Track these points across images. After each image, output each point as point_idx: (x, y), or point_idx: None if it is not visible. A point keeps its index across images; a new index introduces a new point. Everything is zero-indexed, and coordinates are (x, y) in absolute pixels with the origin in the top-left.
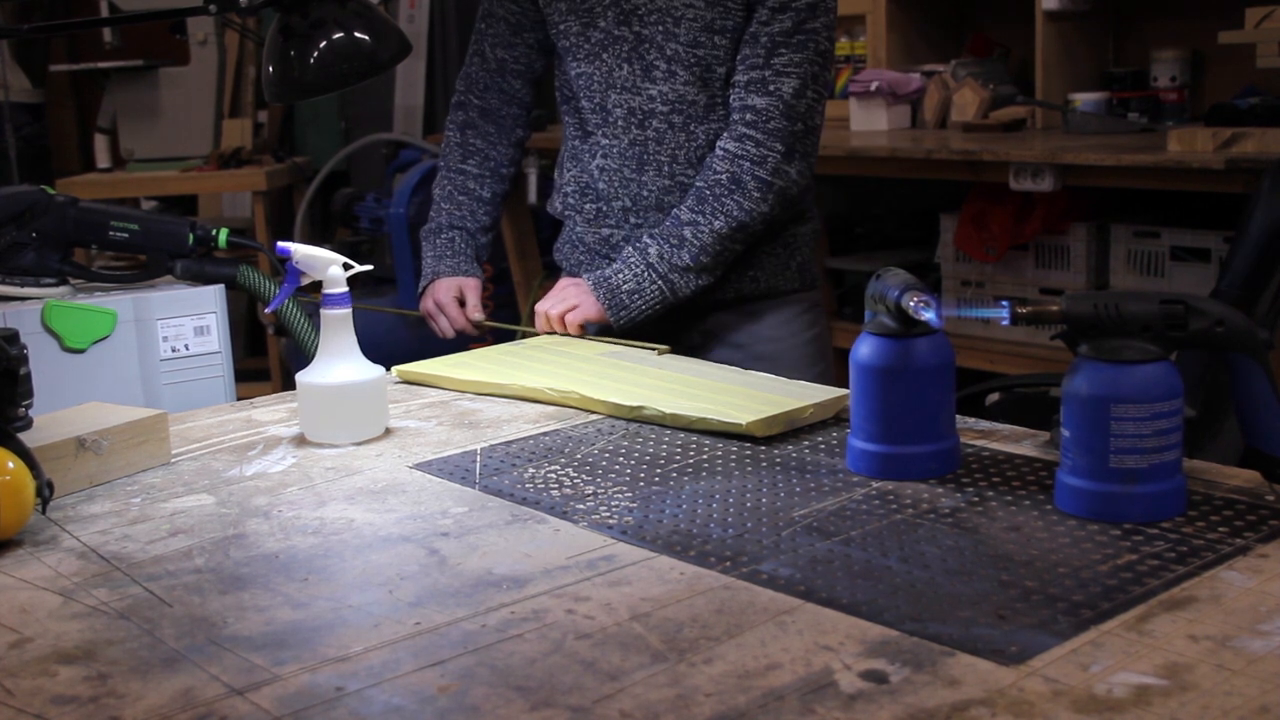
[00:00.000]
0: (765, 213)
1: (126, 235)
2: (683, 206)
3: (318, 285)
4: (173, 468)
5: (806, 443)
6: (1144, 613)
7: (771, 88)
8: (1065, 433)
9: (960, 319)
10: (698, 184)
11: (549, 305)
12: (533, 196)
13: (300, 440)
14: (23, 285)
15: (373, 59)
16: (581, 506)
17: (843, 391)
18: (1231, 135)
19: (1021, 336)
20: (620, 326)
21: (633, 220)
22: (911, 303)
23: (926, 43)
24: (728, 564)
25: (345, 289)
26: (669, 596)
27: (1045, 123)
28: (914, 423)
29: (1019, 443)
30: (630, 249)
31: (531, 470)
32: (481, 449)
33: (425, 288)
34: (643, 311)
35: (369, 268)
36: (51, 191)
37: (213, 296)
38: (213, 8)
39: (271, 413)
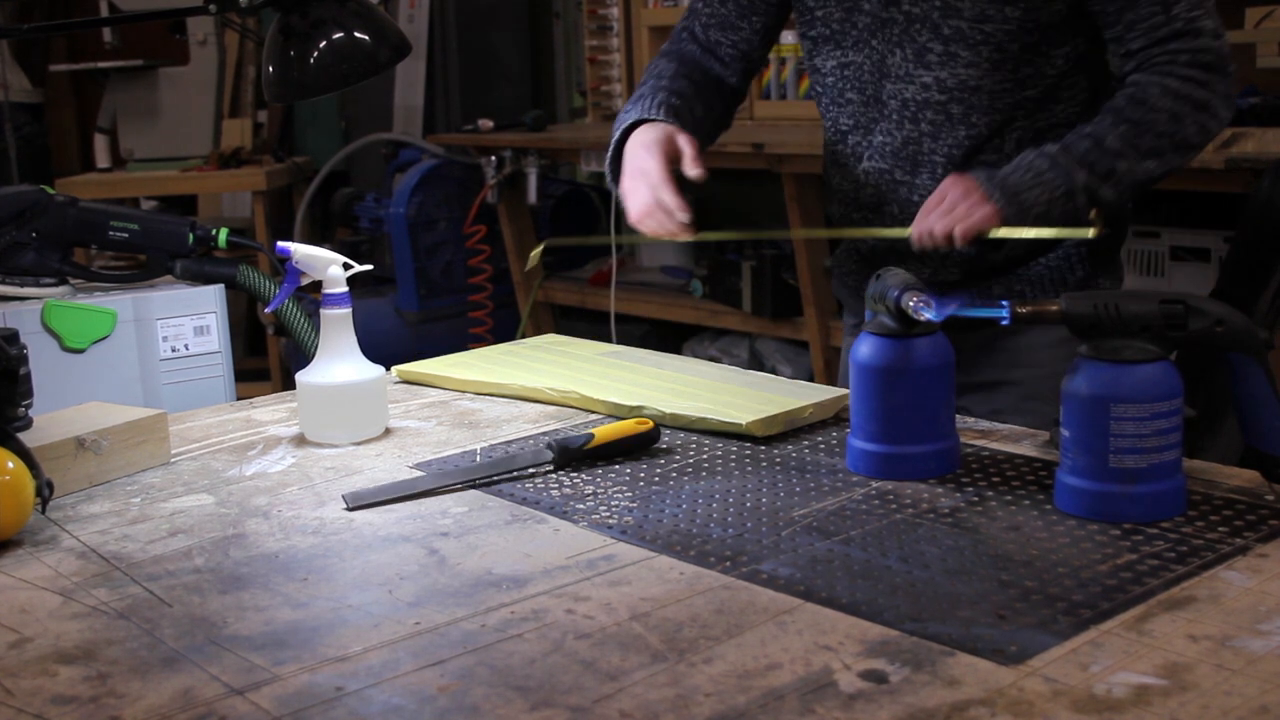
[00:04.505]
0: (1186, 165)
1: (126, 235)
2: (1108, 130)
3: (317, 285)
4: (172, 468)
5: (806, 443)
6: (1144, 613)
7: (1189, 33)
8: (1065, 433)
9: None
10: (1127, 112)
11: (935, 222)
12: (533, 196)
13: (300, 440)
14: (23, 285)
15: (373, 59)
16: (581, 506)
17: (843, 391)
18: (1231, 135)
19: None
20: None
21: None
22: (911, 303)
23: None
24: (728, 564)
25: (345, 289)
26: (669, 596)
27: None
28: (914, 423)
29: (1019, 443)
30: (1046, 163)
31: (531, 470)
32: (481, 449)
33: (618, 159)
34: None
35: (369, 267)
36: (51, 191)
37: (213, 296)
38: (213, 8)
39: (271, 413)
